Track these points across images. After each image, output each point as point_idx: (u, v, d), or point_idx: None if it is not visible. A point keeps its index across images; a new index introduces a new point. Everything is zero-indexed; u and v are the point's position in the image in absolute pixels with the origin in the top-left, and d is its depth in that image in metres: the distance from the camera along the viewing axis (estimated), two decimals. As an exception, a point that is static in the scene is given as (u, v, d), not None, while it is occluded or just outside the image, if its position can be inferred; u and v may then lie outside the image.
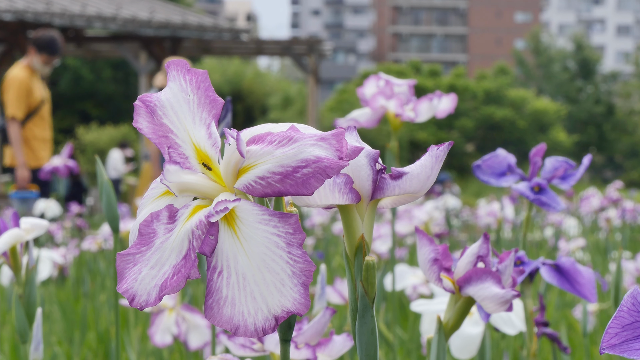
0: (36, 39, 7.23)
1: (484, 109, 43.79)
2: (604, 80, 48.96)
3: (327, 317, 1.52)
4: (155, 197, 0.94)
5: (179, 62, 0.94)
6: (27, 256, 1.72)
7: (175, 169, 0.89)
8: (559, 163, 1.95)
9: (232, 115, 1.97)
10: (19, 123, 7.14)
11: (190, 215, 0.88)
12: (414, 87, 2.58)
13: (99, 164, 1.75)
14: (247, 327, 0.84)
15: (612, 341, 0.85)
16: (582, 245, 5.86)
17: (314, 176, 0.85)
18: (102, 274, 5.03)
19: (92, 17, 14.47)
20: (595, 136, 46.64)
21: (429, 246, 1.31)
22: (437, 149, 0.98)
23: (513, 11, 73.51)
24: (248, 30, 16.74)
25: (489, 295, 1.28)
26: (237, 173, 0.89)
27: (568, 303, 4.69)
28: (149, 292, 0.86)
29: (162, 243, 0.87)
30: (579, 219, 9.05)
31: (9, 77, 7.25)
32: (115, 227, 1.80)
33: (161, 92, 0.94)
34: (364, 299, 0.98)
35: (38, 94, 7.31)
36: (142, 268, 0.87)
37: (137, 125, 0.93)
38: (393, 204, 1.01)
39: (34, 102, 7.28)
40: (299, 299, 0.84)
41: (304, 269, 0.85)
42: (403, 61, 63.94)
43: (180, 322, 2.75)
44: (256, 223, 0.86)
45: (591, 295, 1.72)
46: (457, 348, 2.04)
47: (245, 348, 1.52)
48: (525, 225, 1.96)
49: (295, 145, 0.86)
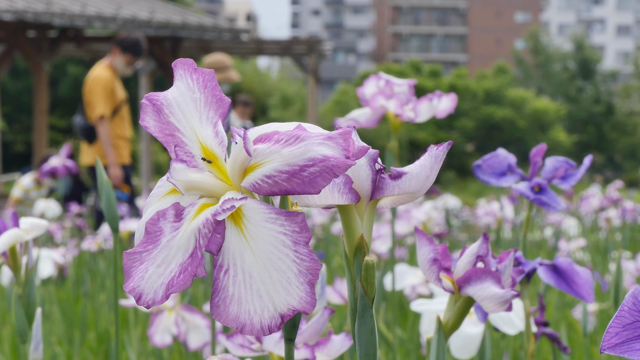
0: (122, 40, 7.35)
1: (483, 109, 43.80)
2: (603, 80, 48.96)
3: (326, 317, 1.52)
4: (161, 196, 0.94)
5: (186, 62, 0.94)
6: (26, 256, 1.72)
7: (182, 167, 0.89)
8: (559, 163, 1.95)
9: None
10: (107, 122, 7.22)
11: (197, 213, 0.88)
12: (414, 87, 2.57)
13: (98, 164, 1.75)
14: (253, 326, 0.84)
15: (613, 341, 0.85)
16: (582, 245, 5.86)
17: (321, 175, 0.85)
18: (102, 274, 5.02)
19: (92, 17, 14.47)
20: (595, 136, 46.64)
21: (429, 246, 1.31)
22: (436, 149, 0.98)
23: (513, 11, 73.50)
24: (248, 30, 16.73)
25: (489, 295, 1.28)
26: (243, 172, 0.89)
27: (568, 303, 4.69)
28: (155, 290, 0.86)
29: (168, 241, 0.87)
30: (579, 219, 9.05)
31: (92, 77, 7.34)
32: (115, 227, 1.80)
33: (168, 91, 0.94)
34: (363, 299, 0.98)
35: (120, 94, 7.43)
36: (148, 266, 0.87)
37: (144, 124, 0.93)
38: (392, 204, 1.01)
39: (116, 102, 7.40)
40: (305, 298, 0.84)
41: (310, 267, 0.85)
42: (403, 61, 63.94)
43: (179, 322, 2.75)
44: (263, 222, 0.86)
45: (588, 295, 1.72)
46: (457, 348, 2.03)
47: (244, 348, 1.52)
48: (526, 225, 1.95)
49: (302, 144, 0.86)
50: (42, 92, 14.75)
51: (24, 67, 30.08)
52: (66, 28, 15.05)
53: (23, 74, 31.61)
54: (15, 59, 16.77)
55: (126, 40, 7.33)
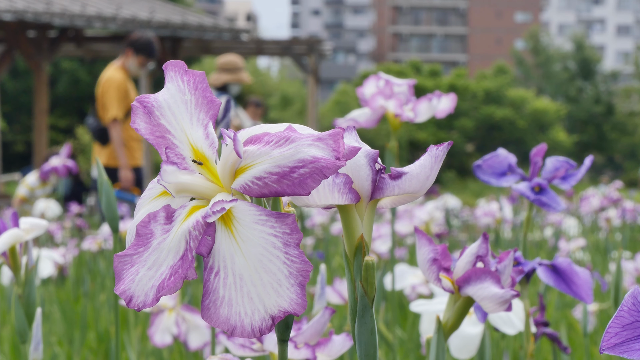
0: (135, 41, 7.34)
1: (483, 109, 43.79)
2: (604, 80, 48.96)
3: (327, 317, 1.52)
4: (152, 198, 0.94)
5: (177, 64, 0.93)
6: (26, 256, 1.72)
7: (173, 170, 0.89)
8: (559, 163, 1.95)
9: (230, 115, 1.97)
10: (120, 124, 7.22)
11: (187, 215, 0.87)
12: (413, 87, 2.57)
13: (98, 164, 1.75)
14: (244, 328, 0.84)
15: (613, 341, 0.85)
16: (582, 245, 5.86)
17: (311, 176, 0.85)
18: (102, 274, 5.02)
19: (92, 17, 14.47)
20: (595, 136, 46.64)
21: (428, 246, 1.31)
22: (436, 149, 0.98)
23: (513, 11, 73.50)
24: (248, 30, 16.73)
25: (488, 295, 1.28)
26: (234, 173, 0.88)
27: (568, 303, 4.69)
28: (146, 293, 0.85)
29: (159, 244, 0.87)
30: (579, 219, 9.05)
31: (105, 79, 7.34)
32: (115, 227, 1.80)
33: (159, 92, 0.94)
34: (363, 299, 0.98)
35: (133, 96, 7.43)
36: (139, 269, 0.87)
37: (135, 126, 0.93)
38: (392, 204, 1.01)
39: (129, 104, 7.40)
40: (295, 299, 0.84)
41: (300, 269, 0.85)
42: (403, 61, 63.92)
43: (180, 322, 2.75)
44: (253, 223, 0.85)
45: (587, 296, 1.71)
46: (457, 348, 2.03)
47: (244, 348, 1.52)
48: (526, 225, 1.95)
49: (292, 145, 0.86)
50: (42, 92, 14.75)
51: (24, 67, 30.09)
52: (66, 28, 15.06)
53: (23, 74, 31.61)
54: (15, 59, 16.75)
55: (139, 41, 7.30)
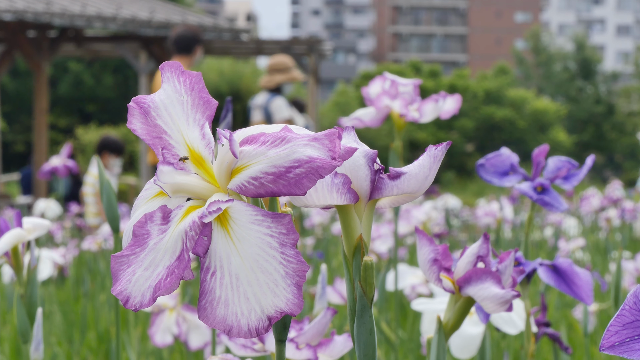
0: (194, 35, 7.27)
1: (484, 109, 43.79)
2: (604, 80, 48.96)
3: (328, 318, 1.52)
4: (149, 198, 0.94)
5: (173, 64, 0.93)
6: (28, 256, 1.72)
7: (169, 170, 0.89)
8: (561, 163, 1.95)
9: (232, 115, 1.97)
10: None
11: (184, 216, 0.88)
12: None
13: (99, 164, 1.75)
14: (240, 328, 0.84)
15: (613, 339, 0.85)
16: (582, 245, 5.86)
17: (307, 176, 0.85)
18: (102, 274, 5.02)
19: (92, 17, 14.47)
20: (595, 136, 46.63)
21: (429, 246, 1.31)
22: (435, 149, 0.98)
23: (513, 11, 73.49)
24: (248, 30, 16.73)
25: (489, 296, 1.28)
26: (230, 174, 0.88)
27: (568, 303, 4.69)
28: (143, 293, 0.85)
29: (155, 244, 0.87)
30: (579, 219, 9.05)
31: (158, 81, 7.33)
32: (116, 227, 1.80)
33: (155, 93, 0.94)
34: (362, 299, 0.98)
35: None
36: (136, 269, 0.87)
37: (131, 127, 0.93)
38: (391, 204, 1.01)
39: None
40: (292, 300, 0.84)
41: (297, 269, 0.85)
42: (403, 61, 63.92)
43: (180, 322, 2.75)
44: (249, 223, 0.85)
45: (587, 297, 1.71)
46: (457, 348, 2.03)
47: (246, 348, 1.52)
48: (528, 226, 1.95)
49: (288, 145, 0.86)
50: (42, 92, 14.75)
51: (24, 67, 30.08)
52: (66, 28, 15.05)
53: (23, 74, 31.61)
54: (15, 59, 16.75)
55: (197, 34, 7.27)
